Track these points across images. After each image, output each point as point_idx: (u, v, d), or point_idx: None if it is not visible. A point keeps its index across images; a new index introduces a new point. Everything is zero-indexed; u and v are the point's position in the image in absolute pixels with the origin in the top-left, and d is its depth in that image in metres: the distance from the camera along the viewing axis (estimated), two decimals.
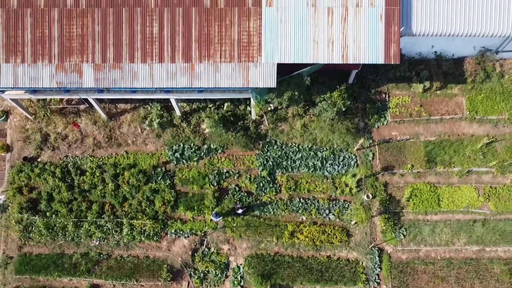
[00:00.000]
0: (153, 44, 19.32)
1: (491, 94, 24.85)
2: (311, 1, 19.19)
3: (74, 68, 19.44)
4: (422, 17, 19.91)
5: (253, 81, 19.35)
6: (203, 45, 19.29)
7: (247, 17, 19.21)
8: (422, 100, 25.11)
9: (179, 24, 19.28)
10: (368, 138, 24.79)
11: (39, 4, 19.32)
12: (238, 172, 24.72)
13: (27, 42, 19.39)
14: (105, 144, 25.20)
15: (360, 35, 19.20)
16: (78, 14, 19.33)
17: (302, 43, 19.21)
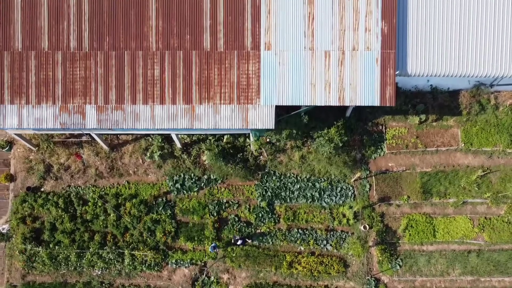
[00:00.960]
0: (155, 86, 19.80)
1: (486, 126, 25.30)
2: (309, 44, 19.66)
3: (77, 109, 19.93)
4: (417, 59, 20.38)
5: (252, 122, 19.84)
6: (203, 88, 19.77)
7: (246, 60, 19.69)
8: (418, 132, 25.57)
9: (180, 67, 19.75)
10: (365, 169, 25.27)
11: (43, 47, 19.80)
12: (238, 202, 25.21)
13: (31, 84, 19.87)
14: (107, 174, 25.68)
15: (356, 78, 19.68)
16: (81, 57, 19.81)
17: (299, 86, 19.70)
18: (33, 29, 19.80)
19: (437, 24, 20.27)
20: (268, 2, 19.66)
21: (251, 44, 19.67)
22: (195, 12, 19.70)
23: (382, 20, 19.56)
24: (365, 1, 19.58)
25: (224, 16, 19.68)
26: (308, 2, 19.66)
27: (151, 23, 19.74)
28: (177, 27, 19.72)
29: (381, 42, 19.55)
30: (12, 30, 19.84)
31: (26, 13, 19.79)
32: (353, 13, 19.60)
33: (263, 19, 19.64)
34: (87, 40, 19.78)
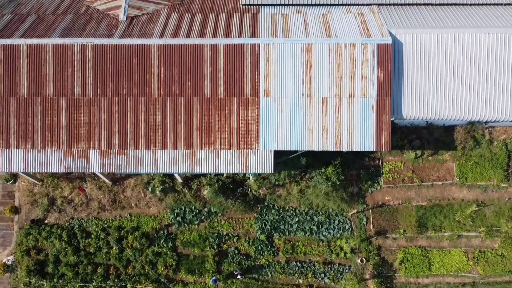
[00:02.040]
0: (157, 131, 20.36)
1: (480, 161, 25.85)
2: (307, 91, 20.22)
3: (81, 154, 20.49)
4: (412, 104, 20.96)
5: (251, 167, 20.41)
6: (204, 133, 20.34)
7: (245, 106, 20.25)
8: (414, 166, 26.13)
9: (181, 113, 20.31)
10: (362, 203, 25.83)
11: (48, 93, 20.37)
12: (238, 235, 25.77)
13: (36, 129, 20.43)
14: (110, 207, 26.23)
15: (353, 124, 20.24)
16: (85, 103, 20.37)
17: (297, 132, 20.26)
18: (39, 76, 20.36)
19: (431, 70, 20.84)
20: (267, 50, 20.22)
21: (251, 91, 20.23)
22: (196, 60, 20.26)
23: (378, 68, 20.12)
24: (361, 50, 20.14)
25: (224, 64, 20.24)
26: (306, 50, 20.21)
27: (153, 71, 20.30)
28: (178, 74, 20.28)
29: (377, 89, 20.11)
30: (18, 77, 20.39)
31: (31, 60, 20.35)
32: (350, 61, 20.15)
33: (262, 67, 20.20)
34: (91, 87, 20.35)
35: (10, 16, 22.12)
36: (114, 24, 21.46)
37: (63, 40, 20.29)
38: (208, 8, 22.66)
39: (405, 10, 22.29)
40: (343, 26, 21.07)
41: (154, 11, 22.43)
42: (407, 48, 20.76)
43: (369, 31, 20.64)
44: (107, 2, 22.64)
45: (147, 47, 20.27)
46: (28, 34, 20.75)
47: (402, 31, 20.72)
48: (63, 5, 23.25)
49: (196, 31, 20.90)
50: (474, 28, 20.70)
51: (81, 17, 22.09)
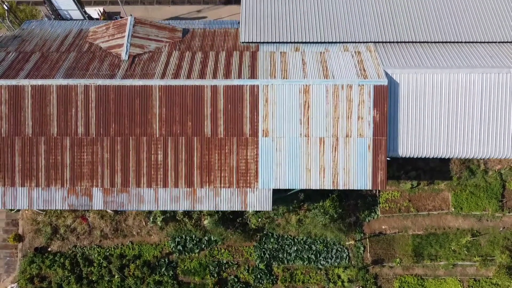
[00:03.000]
0: (158, 170, 20.85)
1: (475, 191, 26.37)
2: (304, 131, 20.70)
3: (84, 192, 20.98)
4: (408, 142, 21.43)
5: (250, 205, 20.90)
6: (204, 172, 20.82)
7: (245, 146, 20.73)
8: (411, 195, 26.64)
9: (182, 152, 20.80)
10: (359, 231, 26.33)
11: (52, 132, 20.85)
12: (237, 263, 26.28)
13: (41, 167, 20.92)
14: (112, 235, 26.75)
15: (349, 163, 20.72)
16: (88, 142, 20.85)
17: (295, 171, 20.75)
18: (43, 115, 20.84)
19: (427, 109, 21.31)
20: (265, 91, 20.70)
21: (250, 131, 20.71)
22: (197, 100, 20.74)
23: (374, 109, 20.60)
24: (358, 91, 20.63)
25: (224, 104, 20.72)
26: (304, 91, 20.70)
27: (155, 111, 20.78)
28: (179, 114, 20.76)
29: (373, 129, 20.59)
30: (23, 116, 20.88)
31: (36, 101, 20.82)
32: (347, 102, 20.64)
33: (261, 107, 20.68)
34: (94, 127, 20.83)
35: (14, 54, 22.59)
36: (116, 64, 21.93)
37: (66, 81, 20.76)
38: (208, 46, 23.14)
39: (401, 48, 22.76)
40: (340, 66, 21.54)
41: (155, 49, 22.91)
42: (402, 88, 21.23)
43: (366, 72, 21.12)
44: (110, 40, 23.10)
45: (148, 88, 20.75)
46: (33, 74, 21.21)
47: (398, 71, 21.19)
48: (66, 41, 23.72)
49: (196, 71, 21.37)
50: (469, 69, 21.16)
51: (84, 55, 22.56)
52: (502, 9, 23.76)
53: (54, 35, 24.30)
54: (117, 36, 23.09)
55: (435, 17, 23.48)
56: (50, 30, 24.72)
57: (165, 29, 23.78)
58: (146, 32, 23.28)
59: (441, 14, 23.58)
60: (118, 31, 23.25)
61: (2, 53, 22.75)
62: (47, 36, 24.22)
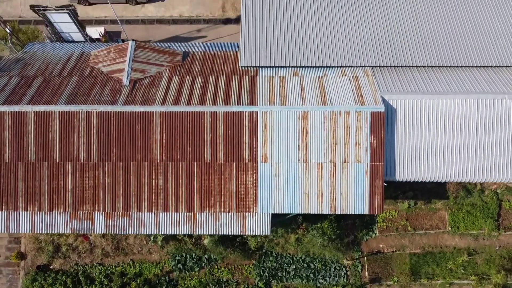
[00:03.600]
0: (159, 195, 21.20)
1: (472, 210, 26.72)
2: (303, 157, 21.05)
3: (86, 216, 21.33)
4: (405, 167, 21.77)
5: (250, 229, 21.25)
6: (204, 196, 21.17)
7: (244, 171, 21.08)
8: (408, 214, 27.00)
9: (183, 177, 21.15)
10: (357, 250, 26.68)
11: (54, 158, 21.20)
12: (237, 281, 26.64)
13: (44, 192, 21.27)
14: (113, 253, 27.11)
15: (347, 188, 21.07)
16: (90, 168, 21.20)
17: (294, 195, 21.09)
18: (46, 141, 21.19)
19: (423, 134, 21.65)
20: (264, 117, 21.05)
21: (249, 156, 21.06)
22: (197, 126, 21.09)
23: (371, 135, 20.95)
24: (355, 117, 20.97)
25: (224, 130, 21.07)
26: (302, 118, 21.04)
27: (155, 137, 21.13)
28: (180, 140, 21.11)
29: (370, 155, 20.94)
30: (26, 142, 21.22)
31: (39, 127, 21.17)
32: (344, 128, 20.98)
33: (260, 133, 21.03)
34: (96, 152, 21.18)
35: (17, 79, 22.95)
36: (118, 89, 22.29)
37: (69, 107, 21.11)
38: (208, 70, 23.49)
39: (399, 72, 23.09)
40: (338, 91, 21.88)
41: (156, 73, 23.26)
42: (399, 113, 21.57)
43: (363, 98, 21.46)
44: (111, 64, 23.45)
45: (149, 114, 21.09)
46: (35, 100, 21.56)
47: (395, 97, 21.53)
48: (68, 64, 24.08)
49: (196, 97, 21.72)
50: (464, 94, 21.50)
51: (86, 80, 22.92)
52: (497, 33, 24.10)
53: (56, 58, 24.65)
54: (118, 60, 23.44)
55: (431, 42, 23.81)
56: (52, 52, 25.08)
57: (166, 53, 24.12)
58: (147, 56, 23.63)
59: (438, 39, 23.91)
60: (119, 55, 23.60)
61: (5, 78, 23.10)
62: (50, 59, 24.57)
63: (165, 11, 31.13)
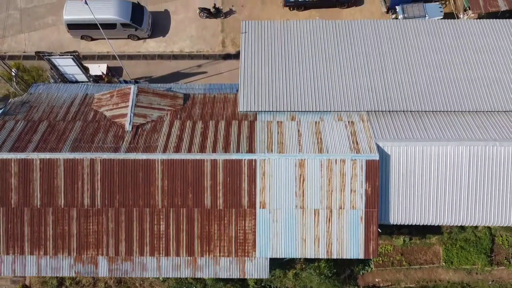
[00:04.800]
0: (161, 240, 21.89)
1: (465, 245, 27.39)
2: (300, 203, 21.74)
3: (90, 260, 22.02)
4: (399, 211, 22.46)
5: (248, 273, 21.94)
6: (204, 241, 21.86)
7: (243, 217, 21.77)
8: (403, 249, 27.69)
9: (183, 222, 21.84)
10: (354, 284, 27.36)
11: (59, 204, 21.89)
12: None
13: (49, 237, 21.97)
14: (115, 287, 27.78)
15: (343, 234, 21.76)
16: (94, 213, 21.90)
17: (291, 241, 21.78)
18: (51, 187, 21.88)
19: (416, 180, 22.32)
20: (262, 165, 21.74)
21: (248, 202, 21.75)
22: (197, 174, 21.77)
23: (366, 182, 21.63)
24: (350, 165, 21.65)
25: (223, 178, 21.75)
26: (299, 165, 21.73)
27: (157, 184, 21.82)
28: (181, 187, 21.79)
29: (365, 202, 21.62)
30: (32, 188, 21.91)
31: (44, 173, 21.85)
32: (340, 175, 21.67)
33: (259, 180, 21.71)
34: (99, 198, 21.87)
35: (23, 124, 23.64)
36: (121, 135, 22.98)
37: (73, 155, 21.80)
38: (208, 114, 24.18)
39: (393, 117, 23.76)
40: (334, 138, 22.56)
41: (158, 117, 23.95)
42: (393, 160, 22.24)
43: (358, 145, 22.14)
44: (114, 109, 24.14)
45: (151, 161, 21.78)
46: (41, 147, 22.25)
47: (389, 144, 22.21)
48: (72, 108, 24.76)
49: (197, 144, 22.41)
50: (457, 141, 22.18)
51: (90, 125, 23.61)
52: (489, 79, 24.77)
53: (61, 100, 25.34)
54: (121, 105, 24.13)
55: (425, 88, 24.49)
56: (56, 94, 25.77)
57: (167, 97, 24.82)
58: (149, 101, 24.32)
59: (431, 85, 24.58)
60: (122, 100, 24.29)
61: (12, 122, 23.79)
62: (54, 101, 25.26)
63: (166, 46, 31.82)
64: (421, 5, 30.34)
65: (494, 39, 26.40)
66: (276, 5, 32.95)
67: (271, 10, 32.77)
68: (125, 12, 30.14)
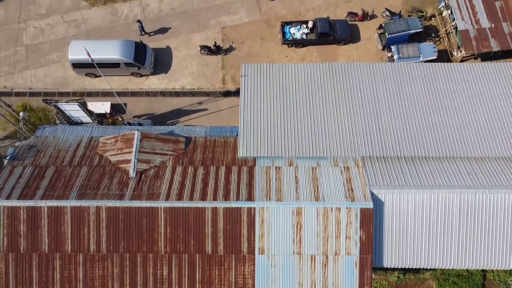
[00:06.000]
0: (163, 284, 22.82)
1: (458, 280, 28.31)
2: (297, 249, 22.68)
3: None
4: (392, 255, 23.39)
5: None
6: (205, 286, 22.79)
7: (242, 263, 22.71)
8: (398, 284, 28.61)
9: (185, 268, 22.78)
10: None
11: (66, 249, 22.83)
12: None
13: (56, 281, 22.90)
14: None
15: (338, 278, 22.69)
16: (99, 258, 22.84)
17: (289, 286, 22.72)
18: (58, 234, 22.83)
19: (409, 226, 23.26)
20: (261, 213, 22.68)
21: (247, 249, 22.70)
22: (198, 221, 22.72)
23: (360, 229, 22.58)
24: (345, 213, 22.60)
25: (224, 224, 22.70)
26: (297, 213, 22.68)
27: (160, 230, 22.77)
28: (183, 233, 22.74)
29: (360, 248, 22.56)
30: (40, 234, 22.86)
31: (51, 220, 22.80)
32: (336, 223, 22.61)
33: (257, 227, 22.66)
34: (104, 244, 22.81)
35: (31, 170, 24.58)
36: (125, 181, 23.92)
37: (79, 203, 22.75)
38: (209, 159, 25.12)
39: (387, 163, 24.69)
40: (330, 185, 23.50)
41: (160, 163, 24.89)
42: (387, 206, 23.19)
43: (353, 192, 23.09)
44: (118, 154, 25.09)
45: (154, 209, 22.73)
46: (48, 194, 23.19)
47: (383, 191, 23.16)
48: (78, 152, 25.71)
49: (198, 190, 23.35)
50: (448, 189, 23.13)
51: (95, 170, 24.55)
52: (480, 125, 25.71)
53: (67, 144, 26.27)
54: (125, 150, 25.06)
55: (418, 134, 25.44)
56: (62, 138, 26.70)
57: (169, 142, 25.75)
58: (152, 146, 25.26)
59: (424, 131, 25.54)
60: (126, 145, 25.23)
61: (20, 168, 24.74)
62: (60, 145, 26.19)
63: (168, 83, 32.76)
64: (416, 45, 31.28)
65: (485, 83, 27.35)
66: (274, 42, 33.90)
67: (270, 47, 33.72)
68: (128, 52, 31.10)
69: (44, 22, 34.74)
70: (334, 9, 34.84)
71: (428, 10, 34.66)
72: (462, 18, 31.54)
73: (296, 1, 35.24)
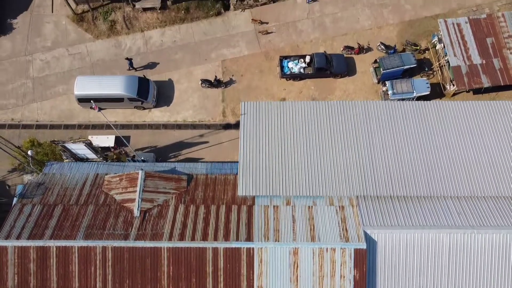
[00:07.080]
0: None
1: None
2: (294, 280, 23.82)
3: None
4: None
5: None
6: None
7: None
8: None
9: None
10: None
11: (74, 287, 23.92)
12: None
13: None
14: None
15: None
16: None
17: None
18: (66, 272, 23.95)
19: (400, 263, 24.37)
20: (260, 252, 23.80)
21: (246, 286, 23.80)
22: (200, 260, 23.84)
23: (354, 269, 23.69)
24: (340, 253, 23.72)
25: (224, 264, 23.82)
26: (293, 253, 23.80)
27: (163, 269, 23.89)
28: (185, 272, 23.85)
29: (354, 287, 23.66)
30: (49, 273, 23.98)
31: (60, 259, 23.92)
32: (331, 262, 23.73)
33: (256, 266, 23.77)
34: (110, 282, 23.93)
35: (39, 208, 25.72)
36: (130, 221, 25.05)
37: (86, 243, 23.88)
38: (210, 198, 26.24)
39: (381, 202, 25.79)
40: (325, 225, 24.62)
41: (163, 202, 26.01)
42: (380, 245, 24.29)
43: (348, 232, 24.21)
44: (123, 193, 26.22)
45: (158, 249, 23.86)
46: (57, 234, 24.32)
47: (376, 231, 24.27)
48: (84, 190, 26.85)
49: (199, 230, 24.48)
50: (437, 229, 24.25)
51: (101, 209, 25.68)
52: (470, 165, 26.82)
53: (73, 181, 27.41)
54: (129, 189, 26.20)
55: (410, 172, 26.57)
56: (69, 175, 27.84)
57: (172, 180, 26.88)
58: (155, 185, 26.39)
59: (416, 170, 26.66)
60: (130, 184, 26.36)
61: (29, 206, 25.87)
62: (67, 183, 27.33)
63: (170, 116, 33.89)
64: (409, 81, 32.40)
65: (475, 121, 28.46)
66: (273, 74, 35.04)
67: (268, 80, 34.85)
68: (131, 88, 32.22)
69: (50, 54, 35.87)
70: (331, 42, 35.96)
71: (422, 44, 35.77)
72: (454, 55, 32.65)
73: (294, 34, 36.37)
